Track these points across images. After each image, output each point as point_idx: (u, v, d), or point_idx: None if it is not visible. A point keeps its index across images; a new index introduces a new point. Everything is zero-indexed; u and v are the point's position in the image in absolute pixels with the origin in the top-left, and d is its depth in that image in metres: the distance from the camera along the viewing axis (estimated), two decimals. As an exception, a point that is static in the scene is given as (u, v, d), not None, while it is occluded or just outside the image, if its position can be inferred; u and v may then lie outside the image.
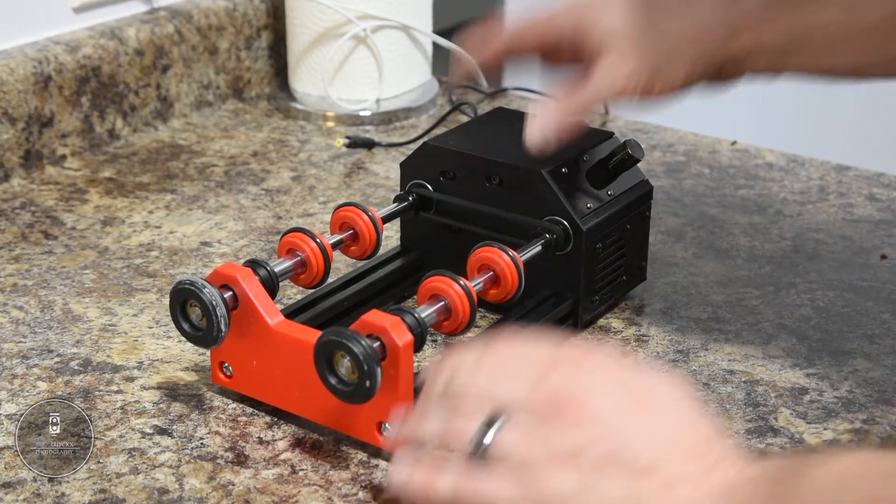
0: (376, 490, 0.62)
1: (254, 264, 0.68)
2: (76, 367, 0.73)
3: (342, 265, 0.84)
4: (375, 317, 0.61)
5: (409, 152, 0.81)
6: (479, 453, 0.53)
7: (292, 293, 0.81)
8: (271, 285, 0.68)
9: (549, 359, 0.55)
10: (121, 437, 0.66)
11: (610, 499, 0.50)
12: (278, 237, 0.79)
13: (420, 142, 0.86)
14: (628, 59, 0.69)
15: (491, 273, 0.69)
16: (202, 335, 0.65)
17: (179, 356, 0.74)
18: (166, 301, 0.71)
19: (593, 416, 0.52)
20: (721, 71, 0.70)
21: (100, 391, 0.70)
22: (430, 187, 0.78)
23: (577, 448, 0.51)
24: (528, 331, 0.58)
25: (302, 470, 0.64)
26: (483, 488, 0.53)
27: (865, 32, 0.68)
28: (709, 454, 0.52)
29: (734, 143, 1.08)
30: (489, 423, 0.53)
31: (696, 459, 0.51)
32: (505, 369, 0.55)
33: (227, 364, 0.69)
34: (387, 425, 0.62)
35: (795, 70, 0.70)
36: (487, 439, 0.53)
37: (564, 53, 0.73)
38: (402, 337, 0.61)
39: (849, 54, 0.69)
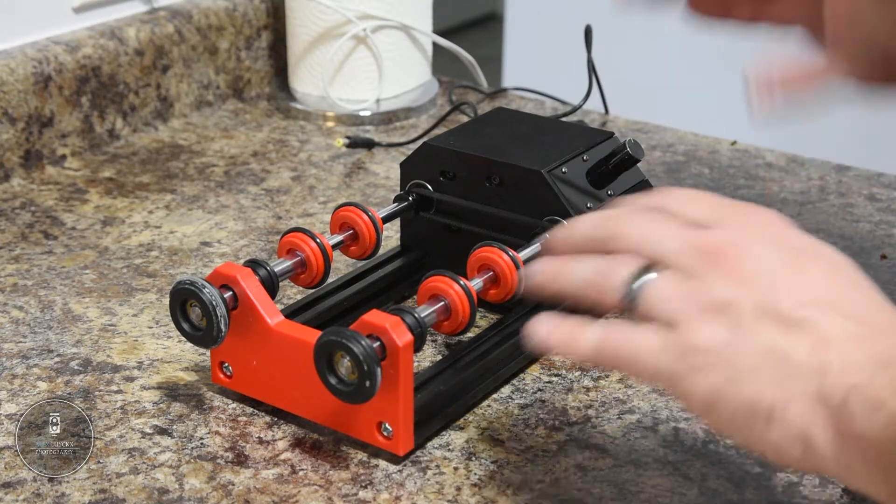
0: (376, 490, 0.62)
1: (254, 264, 0.68)
2: (76, 367, 0.73)
3: (342, 265, 0.84)
4: (375, 317, 0.61)
5: (409, 152, 0.81)
6: (629, 299, 0.51)
7: (292, 293, 0.81)
8: (271, 285, 0.68)
9: (715, 210, 0.53)
10: (121, 437, 0.66)
11: (756, 352, 0.48)
12: (278, 237, 0.79)
13: (420, 142, 0.86)
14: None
15: (491, 273, 0.69)
16: (202, 335, 0.66)
17: (179, 356, 0.74)
18: (166, 301, 0.71)
19: (751, 270, 0.50)
20: None
21: (100, 391, 0.70)
22: (430, 187, 0.78)
23: (730, 300, 0.49)
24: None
25: (302, 470, 0.64)
26: (629, 339, 0.51)
27: None
28: (871, 319, 0.49)
29: (734, 143, 1.08)
30: (644, 270, 0.51)
31: (857, 323, 0.48)
32: (665, 221, 0.53)
33: (227, 364, 0.69)
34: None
35: None
36: (638, 285, 0.51)
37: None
38: (402, 337, 0.61)
39: None
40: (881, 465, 0.46)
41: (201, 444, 0.66)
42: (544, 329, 0.54)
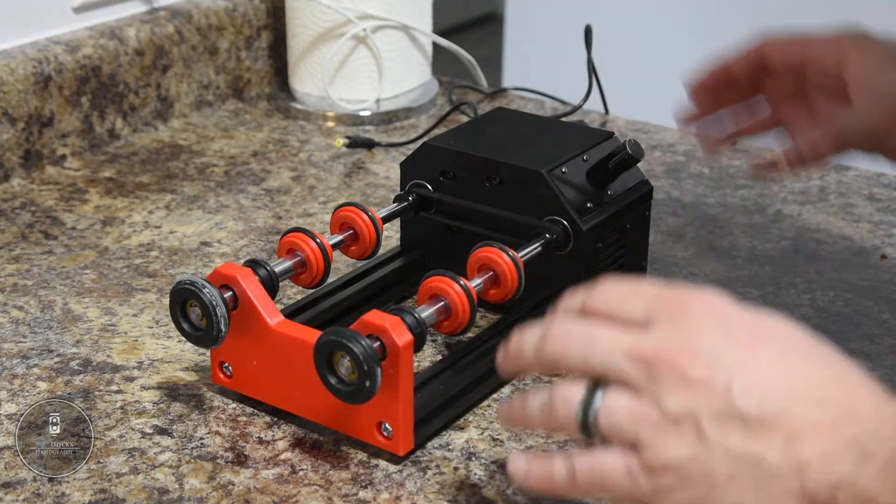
0: (376, 490, 0.62)
1: (254, 264, 0.68)
2: (76, 367, 0.73)
3: (342, 265, 0.84)
4: (375, 317, 0.61)
5: (409, 152, 0.81)
6: (585, 428, 0.50)
7: (292, 293, 0.81)
8: (271, 285, 0.68)
9: (650, 304, 0.51)
10: (121, 436, 0.66)
11: (726, 461, 0.46)
12: (278, 237, 0.79)
13: (420, 142, 0.86)
14: (872, 112, 0.71)
15: (491, 273, 0.69)
16: (202, 335, 0.65)
17: (179, 356, 0.74)
18: (166, 301, 0.71)
19: (699, 372, 0.47)
20: None
21: (100, 391, 0.70)
22: (430, 187, 0.78)
23: (685, 411, 0.47)
24: (624, 279, 0.53)
25: (302, 470, 0.64)
26: (597, 464, 0.50)
27: None
28: (841, 399, 0.46)
29: (734, 143, 1.08)
30: (592, 390, 0.50)
31: (826, 406, 0.46)
32: (600, 330, 0.51)
33: (227, 364, 0.69)
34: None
35: None
36: (591, 411, 0.50)
37: (798, 82, 0.75)
38: (402, 337, 0.61)
39: None
40: None
41: (201, 444, 0.66)
42: (522, 470, 0.53)
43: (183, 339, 0.69)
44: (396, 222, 0.82)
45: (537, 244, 0.72)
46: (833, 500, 0.45)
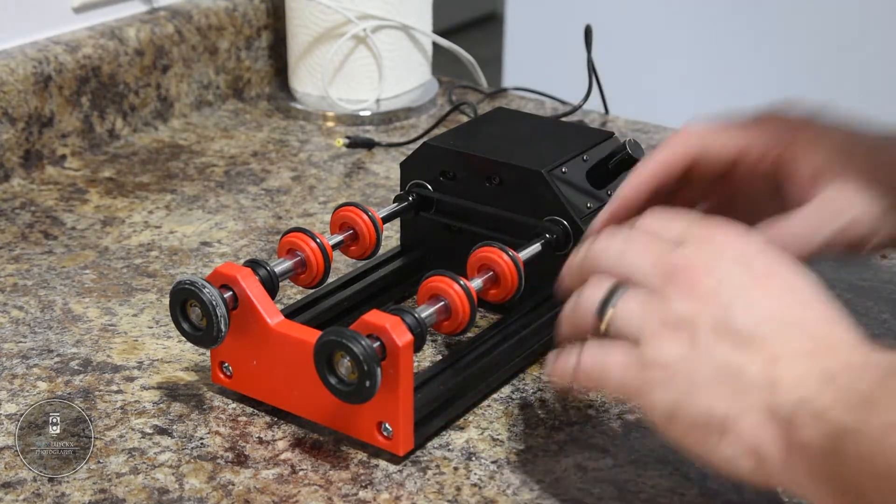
0: (376, 490, 0.62)
1: (254, 264, 0.68)
2: (76, 367, 0.73)
3: (342, 265, 0.84)
4: (375, 317, 0.61)
5: (409, 152, 0.81)
6: (601, 319, 0.55)
7: (292, 293, 0.81)
8: (271, 285, 0.68)
9: (687, 227, 0.56)
10: (121, 436, 0.66)
11: (710, 367, 0.51)
12: (278, 237, 0.79)
13: (420, 142, 0.86)
14: (852, 198, 0.62)
15: (491, 273, 0.69)
16: (202, 335, 0.65)
17: (179, 356, 0.74)
18: (166, 301, 0.71)
19: (711, 288, 0.52)
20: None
21: (100, 391, 0.70)
22: (430, 187, 0.78)
23: (689, 317, 0.52)
24: (670, 210, 0.59)
25: (302, 470, 0.64)
26: (600, 356, 0.55)
27: None
28: (823, 336, 0.51)
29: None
30: (613, 290, 0.55)
31: (809, 340, 0.51)
32: (637, 241, 0.56)
33: (227, 364, 0.69)
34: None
35: None
36: (609, 308, 0.55)
37: (743, 184, 0.67)
38: (402, 337, 0.61)
39: None
40: (824, 476, 0.47)
41: (201, 444, 0.66)
42: (550, 364, 0.59)
43: (183, 339, 0.69)
44: (396, 222, 0.82)
45: (537, 244, 0.72)
46: (792, 414, 0.49)
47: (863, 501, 0.46)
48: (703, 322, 0.52)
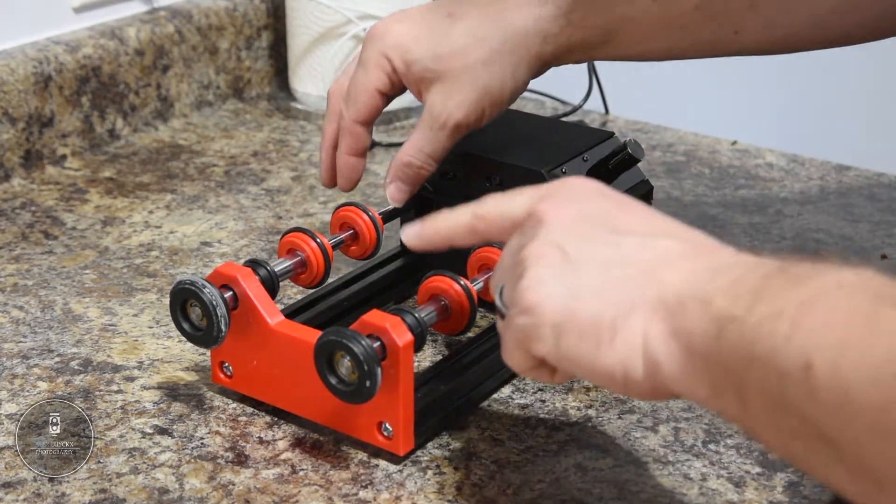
0: (376, 490, 0.62)
1: (254, 264, 0.68)
2: (76, 367, 0.73)
3: (342, 265, 0.84)
4: (375, 317, 0.61)
5: (410, 152, 0.81)
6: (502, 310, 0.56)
7: (292, 293, 0.81)
8: (271, 285, 0.68)
9: (534, 195, 0.57)
10: (121, 436, 0.66)
11: (593, 265, 0.51)
12: (278, 237, 0.79)
13: (420, 142, 0.86)
14: (453, 90, 0.72)
15: (491, 273, 0.69)
16: (202, 335, 0.66)
17: (179, 356, 0.74)
18: (166, 301, 0.71)
19: (583, 210, 0.54)
20: (541, 69, 0.74)
21: (100, 391, 0.70)
22: (430, 187, 0.78)
23: (559, 241, 0.53)
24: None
25: (302, 470, 0.64)
26: (507, 350, 0.56)
27: (678, 20, 0.71)
28: (699, 241, 0.52)
29: (734, 143, 1.08)
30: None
31: (687, 244, 0.52)
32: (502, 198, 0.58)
33: (227, 364, 0.69)
34: None
35: (606, 58, 0.74)
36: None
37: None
38: (403, 337, 0.61)
39: (661, 41, 0.72)
40: (707, 366, 0.47)
41: (201, 444, 0.66)
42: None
43: (183, 339, 0.69)
44: (396, 222, 0.82)
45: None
46: (680, 303, 0.48)
47: (740, 389, 0.46)
48: (573, 238, 0.52)
